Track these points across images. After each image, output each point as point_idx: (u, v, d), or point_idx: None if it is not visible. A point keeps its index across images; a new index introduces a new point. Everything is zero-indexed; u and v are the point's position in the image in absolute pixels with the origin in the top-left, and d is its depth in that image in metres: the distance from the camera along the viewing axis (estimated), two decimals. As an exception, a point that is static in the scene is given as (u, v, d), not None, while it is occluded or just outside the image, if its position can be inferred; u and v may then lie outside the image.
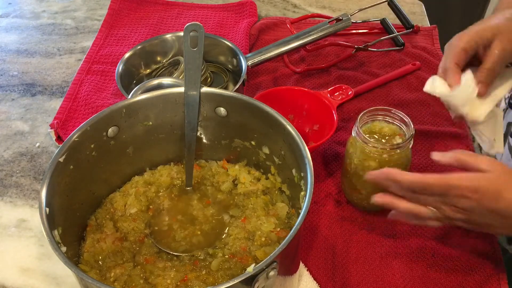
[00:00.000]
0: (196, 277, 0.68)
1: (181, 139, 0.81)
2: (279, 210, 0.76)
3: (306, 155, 0.67)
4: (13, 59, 1.21)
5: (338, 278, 0.77)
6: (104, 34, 1.24)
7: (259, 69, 1.14)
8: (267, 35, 1.24)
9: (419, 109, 1.05)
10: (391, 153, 0.77)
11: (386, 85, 1.10)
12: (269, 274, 0.57)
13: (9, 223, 0.87)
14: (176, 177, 0.82)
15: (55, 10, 1.37)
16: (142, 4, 1.34)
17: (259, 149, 0.80)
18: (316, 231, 0.83)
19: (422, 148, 0.96)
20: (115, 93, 1.08)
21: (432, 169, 0.92)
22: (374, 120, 0.81)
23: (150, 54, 1.09)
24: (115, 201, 0.78)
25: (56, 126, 1.00)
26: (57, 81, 1.15)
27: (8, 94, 1.12)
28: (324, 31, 1.09)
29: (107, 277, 0.69)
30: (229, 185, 0.81)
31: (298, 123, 0.97)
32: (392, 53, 1.18)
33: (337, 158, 0.95)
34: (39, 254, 0.82)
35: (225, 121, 0.80)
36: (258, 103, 0.75)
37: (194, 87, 0.76)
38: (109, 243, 0.72)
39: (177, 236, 0.75)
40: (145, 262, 0.71)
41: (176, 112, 0.79)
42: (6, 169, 0.96)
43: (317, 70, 1.15)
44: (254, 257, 0.70)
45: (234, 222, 0.76)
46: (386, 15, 1.26)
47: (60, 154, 0.68)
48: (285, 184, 0.79)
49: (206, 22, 1.29)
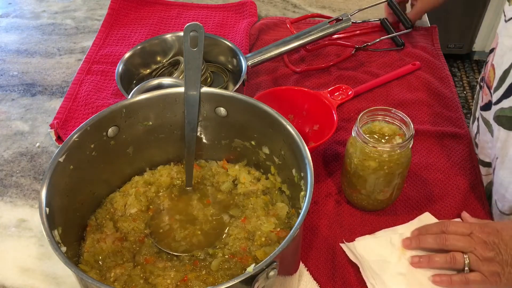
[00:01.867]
0: (196, 277, 0.68)
1: (181, 139, 0.81)
2: (279, 210, 0.76)
3: (306, 155, 0.67)
4: (13, 59, 1.21)
5: (338, 278, 0.77)
6: (104, 34, 1.24)
7: (259, 69, 1.14)
8: (267, 35, 1.24)
9: (419, 109, 1.05)
10: (391, 153, 0.77)
11: (386, 85, 1.10)
12: (269, 274, 0.57)
13: (9, 223, 0.87)
14: (176, 177, 0.82)
15: (55, 10, 1.37)
16: (142, 4, 1.34)
17: (259, 149, 0.80)
18: (316, 231, 0.83)
19: (422, 148, 0.96)
20: (115, 93, 1.08)
21: (432, 169, 0.92)
22: (374, 120, 0.81)
23: (150, 54, 1.09)
24: (115, 201, 0.78)
25: (56, 126, 1.00)
26: (57, 81, 1.15)
27: (8, 94, 1.12)
28: (324, 31, 1.09)
29: (107, 277, 0.69)
30: (229, 185, 0.81)
31: (298, 123, 0.97)
32: (392, 53, 1.18)
33: (337, 158, 0.95)
34: (39, 254, 0.82)
35: (225, 121, 0.80)
36: (258, 103, 0.75)
37: (194, 87, 0.76)
38: (109, 243, 0.72)
39: (177, 236, 0.75)
40: (145, 262, 0.71)
41: (176, 112, 0.79)
42: (6, 169, 0.96)
43: (317, 70, 1.15)
44: (254, 257, 0.70)
45: (234, 222, 0.76)
46: (385, 15, 1.26)
47: (60, 154, 0.68)
48: (285, 184, 0.79)
49: (206, 22, 1.29)
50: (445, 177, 0.91)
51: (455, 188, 0.89)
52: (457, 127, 1.00)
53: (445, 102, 1.06)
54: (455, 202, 0.87)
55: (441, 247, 0.75)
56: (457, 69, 2.71)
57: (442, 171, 0.92)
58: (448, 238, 0.74)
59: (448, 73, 1.14)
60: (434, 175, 0.92)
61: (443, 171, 0.92)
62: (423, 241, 0.77)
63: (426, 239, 0.77)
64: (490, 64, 0.87)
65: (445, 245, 0.74)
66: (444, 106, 1.05)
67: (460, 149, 0.96)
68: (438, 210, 0.86)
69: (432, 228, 0.78)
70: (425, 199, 0.88)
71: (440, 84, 1.10)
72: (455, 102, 1.06)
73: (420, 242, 0.77)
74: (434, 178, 0.91)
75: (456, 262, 0.73)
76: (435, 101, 1.07)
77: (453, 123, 1.01)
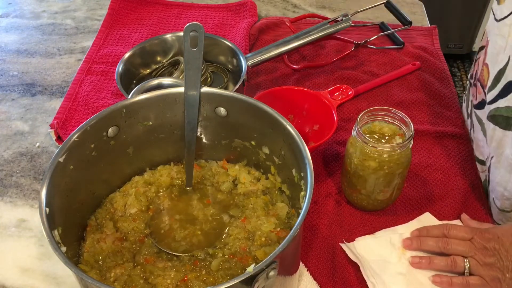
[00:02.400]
0: (196, 277, 0.68)
1: (181, 139, 0.80)
2: (279, 210, 0.76)
3: (306, 155, 0.67)
4: (13, 59, 1.21)
5: (338, 278, 0.77)
6: (104, 34, 1.24)
7: (259, 69, 1.13)
8: (267, 35, 1.24)
9: (419, 109, 1.05)
10: (391, 153, 0.77)
11: (386, 85, 1.10)
12: (269, 274, 0.57)
13: (9, 223, 0.87)
14: (176, 177, 0.82)
15: (55, 10, 1.37)
16: (142, 4, 1.34)
17: (259, 149, 0.80)
18: (316, 231, 0.83)
19: (422, 148, 0.96)
20: (115, 93, 1.08)
21: (432, 169, 0.92)
22: (374, 120, 0.81)
23: (150, 54, 1.09)
24: (115, 201, 0.78)
25: (56, 126, 1.00)
26: (57, 81, 1.15)
27: (8, 94, 1.12)
28: (324, 31, 1.09)
29: (107, 277, 0.69)
30: (229, 185, 0.81)
31: (298, 123, 0.97)
32: (392, 53, 1.18)
33: (337, 158, 0.95)
34: (39, 254, 0.82)
35: (225, 121, 0.80)
36: (258, 103, 0.75)
37: (194, 87, 0.76)
38: (109, 243, 0.72)
39: (177, 236, 0.75)
40: (145, 262, 0.71)
41: (176, 112, 0.79)
42: (6, 169, 0.96)
43: (317, 69, 1.14)
44: (254, 257, 0.70)
45: (234, 222, 0.76)
46: (385, 15, 1.26)
47: (60, 154, 0.68)
48: (285, 184, 0.79)
49: (206, 22, 1.29)
50: (445, 177, 0.91)
51: (455, 188, 0.89)
52: (457, 127, 1.00)
53: (445, 102, 1.06)
54: (455, 202, 0.87)
55: (442, 250, 0.75)
56: (457, 69, 2.71)
57: (442, 171, 0.92)
58: (450, 242, 0.74)
59: (448, 73, 1.14)
60: (434, 175, 0.92)
61: (443, 171, 0.92)
62: (424, 243, 0.77)
63: (427, 242, 0.77)
64: (482, 63, 0.87)
65: (446, 249, 0.74)
66: (444, 106, 1.05)
67: (460, 149, 0.96)
68: (438, 210, 0.86)
69: (434, 230, 0.78)
70: (425, 199, 0.88)
71: (440, 84, 1.10)
72: (455, 102, 1.06)
73: (421, 244, 0.77)
74: (434, 178, 0.91)
75: (456, 266, 0.73)
76: (435, 101, 1.07)
77: (453, 123, 1.01)
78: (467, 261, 0.73)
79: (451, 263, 0.74)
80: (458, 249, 0.74)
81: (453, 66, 2.71)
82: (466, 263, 0.73)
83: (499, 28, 0.80)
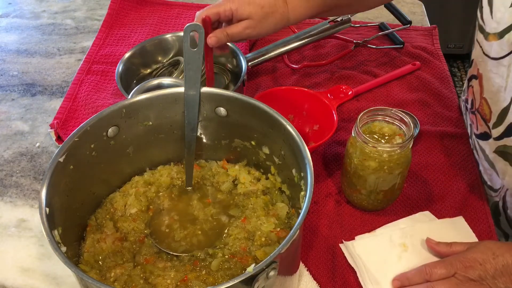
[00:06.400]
0: (196, 277, 0.68)
1: (181, 139, 0.81)
2: (279, 210, 0.76)
3: (306, 155, 0.67)
4: (13, 59, 1.21)
5: (338, 278, 0.77)
6: (104, 34, 1.24)
7: (259, 69, 1.14)
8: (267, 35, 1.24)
9: (419, 109, 1.05)
10: (391, 153, 0.77)
11: (386, 85, 1.10)
12: (269, 274, 0.57)
13: (9, 223, 0.87)
14: (176, 177, 0.82)
15: (55, 10, 1.37)
16: (142, 4, 1.34)
17: (259, 149, 0.80)
18: (316, 231, 0.83)
19: (422, 148, 0.96)
20: (115, 93, 1.08)
21: (432, 169, 0.92)
22: (374, 120, 0.81)
23: (150, 54, 1.09)
24: (115, 201, 0.78)
25: (56, 126, 1.00)
26: (57, 81, 1.15)
27: (8, 94, 1.12)
28: (324, 32, 1.09)
29: (107, 277, 0.69)
30: (229, 185, 0.81)
31: (298, 123, 0.97)
32: (392, 53, 1.18)
33: (337, 158, 0.95)
34: (39, 254, 0.82)
35: (225, 121, 0.80)
36: (258, 103, 0.75)
37: (194, 87, 0.76)
38: (109, 243, 0.72)
39: (177, 236, 0.75)
40: (145, 262, 0.71)
41: (176, 112, 0.79)
42: (6, 169, 0.96)
43: (317, 69, 1.14)
44: (254, 257, 0.70)
45: (234, 222, 0.76)
46: (385, 15, 1.26)
47: (60, 154, 0.68)
48: (285, 184, 0.79)
49: (206, 22, 1.29)
50: (445, 177, 0.91)
51: (455, 188, 0.89)
52: (457, 127, 1.00)
53: (445, 102, 1.06)
54: (455, 202, 0.87)
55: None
56: (457, 69, 2.71)
57: (442, 171, 0.92)
58: (434, 285, 0.71)
59: (448, 73, 1.14)
60: (434, 175, 0.92)
61: (443, 171, 0.92)
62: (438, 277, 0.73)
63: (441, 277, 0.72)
64: (479, 95, 0.85)
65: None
66: (444, 106, 1.05)
67: (460, 149, 0.96)
68: (438, 210, 0.86)
69: (414, 278, 0.73)
70: (425, 199, 0.88)
71: (440, 84, 1.10)
72: (455, 102, 1.06)
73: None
74: (434, 178, 0.91)
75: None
76: (435, 101, 1.07)
77: (453, 123, 1.01)
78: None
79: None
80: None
81: (453, 66, 2.71)
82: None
83: (496, 67, 0.78)
